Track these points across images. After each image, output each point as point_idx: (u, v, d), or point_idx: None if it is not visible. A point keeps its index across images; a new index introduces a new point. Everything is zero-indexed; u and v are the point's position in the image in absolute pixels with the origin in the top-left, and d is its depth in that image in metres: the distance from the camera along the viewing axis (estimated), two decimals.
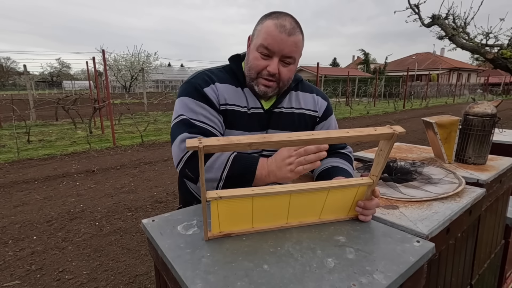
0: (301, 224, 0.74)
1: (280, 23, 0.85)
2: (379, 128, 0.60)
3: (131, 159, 4.91)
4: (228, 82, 0.95)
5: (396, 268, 0.58)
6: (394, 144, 1.69)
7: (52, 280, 1.91)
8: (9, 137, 6.67)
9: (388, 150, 0.64)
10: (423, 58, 34.20)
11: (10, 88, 37.33)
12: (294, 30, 0.86)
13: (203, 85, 0.91)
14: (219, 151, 0.57)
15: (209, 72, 0.97)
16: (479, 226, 1.09)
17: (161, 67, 31.45)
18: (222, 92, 0.93)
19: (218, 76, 0.95)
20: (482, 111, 1.25)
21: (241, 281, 0.54)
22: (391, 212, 0.83)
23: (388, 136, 0.62)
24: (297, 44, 0.88)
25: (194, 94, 0.90)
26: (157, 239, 0.69)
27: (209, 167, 0.82)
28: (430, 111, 13.30)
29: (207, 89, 0.91)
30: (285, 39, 0.85)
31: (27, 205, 3.09)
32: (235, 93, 0.95)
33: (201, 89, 0.90)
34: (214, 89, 0.92)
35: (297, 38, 0.87)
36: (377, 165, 0.69)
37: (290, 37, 0.85)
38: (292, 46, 0.87)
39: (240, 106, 0.94)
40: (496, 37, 7.63)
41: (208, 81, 0.93)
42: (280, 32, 0.84)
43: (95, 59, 7.38)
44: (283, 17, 0.87)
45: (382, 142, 0.65)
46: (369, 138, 0.61)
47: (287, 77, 0.92)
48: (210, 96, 0.90)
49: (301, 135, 0.58)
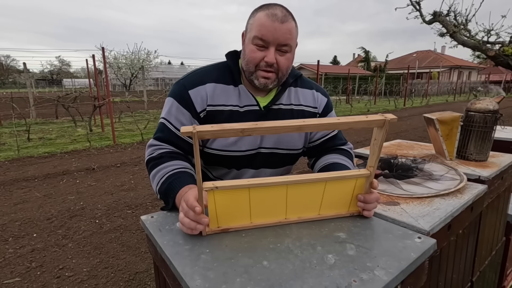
0: (301, 219, 0.74)
1: (271, 13, 0.84)
2: (371, 116, 0.62)
3: (131, 157, 4.91)
4: (220, 81, 0.95)
5: (397, 264, 0.57)
6: (395, 141, 1.69)
7: (52, 277, 1.91)
8: (9, 135, 6.67)
9: (382, 139, 0.65)
10: (424, 56, 34.11)
11: (10, 86, 37.30)
12: (286, 17, 0.85)
13: (190, 86, 0.93)
14: (212, 137, 0.59)
15: (201, 72, 0.97)
16: (480, 222, 1.08)
17: (161, 65, 31.38)
18: (212, 93, 0.93)
19: (210, 76, 0.95)
20: (484, 107, 1.24)
21: (240, 277, 0.54)
22: (392, 208, 0.82)
23: (380, 123, 0.63)
24: (291, 31, 0.87)
25: (178, 96, 0.93)
26: (156, 235, 0.69)
27: (152, 177, 0.89)
28: (430, 109, 13.28)
29: (192, 91, 0.92)
30: (278, 28, 0.84)
31: (27, 202, 3.09)
32: (226, 92, 0.95)
33: (186, 92, 0.92)
34: (201, 90, 0.93)
35: (290, 25, 0.86)
36: (372, 155, 0.69)
37: (283, 25, 0.85)
38: (286, 34, 0.86)
39: (231, 105, 0.94)
40: (498, 34, 7.61)
41: (197, 82, 0.94)
42: (272, 21, 0.84)
43: (95, 57, 7.36)
44: (274, 6, 0.86)
45: (376, 131, 0.66)
46: (361, 124, 0.62)
47: (286, 66, 0.91)
48: (193, 99, 0.92)
49: (293, 122, 0.60)
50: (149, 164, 0.92)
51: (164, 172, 0.86)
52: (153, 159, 0.91)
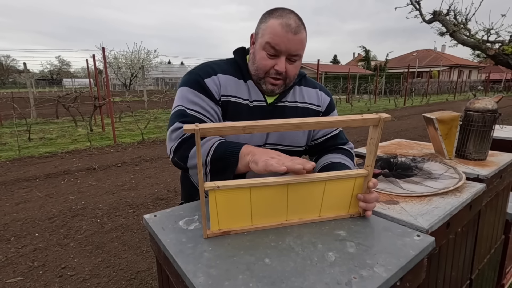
0: (301, 221, 0.74)
1: (285, 23, 0.85)
2: (366, 114, 0.64)
3: (131, 157, 4.92)
4: (231, 74, 0.96)
5: (397, 262, 0.58)
6: (395, 140, 1.70)
7: (54, 277, 1.92)
8: (10, 135, 6.68)
9: (378, 137, 0.67)
10: (424, 55, 34.08)
11: (10, 86, 37.30)
12: (299, 28, 0.86)
13: (204, 76, 0.92)
14: (214, 134, 0.59)
15: (213, 64, 0.97)
16: (479, 221, 1.09)
17: (161, 64, 31.39)
18: (224, 83, 0.94)
19: (221, 68, 0.96)
20: (483, 106, 1.25)
21: (242, 274, 0.55)
22: (391, 207, 0.83)
23: (375, 122, 0.65)
24: (303, 41, 0.89)
25: (194, 84, 0.91)
26: (159, 234, 0.70)
27: (194, 153, 0.83)
28: (431, 108, 13.28)
29: (207, 80, 0.92)
30: (291, 39, 0.85)
31: (28, 202, 3.10)
32: (237, 85, 0.95)
33: (202, 80, 0.91)
34: (215, 80, 0.93)
35: (302, 35, 0.87)
36: (369, 154, 0.71)
37: (296, 36, 0.86)
38: (298, 44, 0.87)
39: (242, 98, 0.95)
40: (498, 33, 7.61)
41: (210, 72, 0.94)
42: (286, 31, 0.84)
43: (95, 56, 7.36)
44: (287, 15, 0.86)
45: (371, 130, 0.68)
46: (357, 123, 0.65)
47: (293, 74, 0.94)
48: (210, 87, 0.91)
49: (292, 120, 0.62)
50: (183, 146, 0.85)
51: (212, 142, 0.82)
52: (188, 138, 0.84)
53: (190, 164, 0.84)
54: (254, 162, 0.74)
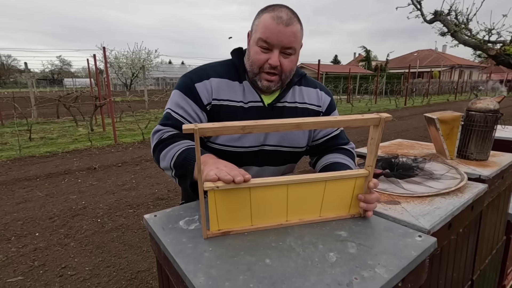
0: (302, 221, 0.74)
1: (276, 15, 0.85)
2: (367, 114, 0.64)
3: (132, 157, 4.92)
4: (225, 77, 0.96)
5: (398, 262, 0.58)
6: (396, 140, 1.70)
7: (55, 276, 1.92)
8: (11, 134, 6.69)
9: (378, 137, 0.67)
10: (425, 55, 34.05)
11: (11, 86, 37.38)
12: (291, 20, 0.86)
13: (196, 80, 0.94)
14: (213, 134, 0.60)
15: (207, 67, 0.98)
16: (480, 221, 1.09)
17: (162, 64, 31.42)
18: (217, 87, 0.94)
19: (215, 71, 0.97)
20: (484, 106, 1.24)
21: (243, 275, 0.54)
22: (393, 207, 0.83)
23: (376, 122, 0.65)
24: (296, 34, 0.87)
25: (183, 88, 0.94)
26: (159, 234, 0.69)
27: (163, 156, 0.87)
28: (431, 108, 13.26)
29: (198, 85, 0.93)
30: (283, 31, 0.85)
31: (29, 202, 3.10)
32: (230, 88, 0.96)
33: (192, 84, 0.93)
34: (207, 84, 0.94)
35: (295, 28, 0.87)
36: (370, 154, 0.70)
37: (288, 28, 0.85)
38: (290, 37, 0.86)
39: (235, 101, 0.95)
40: (499, 34, 7.60)
41: (203, 76, 0.95)
42: (277, 24, 0.84)
43: (95, 56, 7.37)
44: (279, 8, 0.86)
45: (372, 131, 0.68)
46: (357, 123, 0.64)
47: (289, 69, 0.92)
48: (200, 92, 0.93)
49: (292, 119, 0.62)
50: (158, 146, 0.90)
51: (179, 147, 0.85)
52: (164, 140, 0.90)
53: (162, 166, 0.89)
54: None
